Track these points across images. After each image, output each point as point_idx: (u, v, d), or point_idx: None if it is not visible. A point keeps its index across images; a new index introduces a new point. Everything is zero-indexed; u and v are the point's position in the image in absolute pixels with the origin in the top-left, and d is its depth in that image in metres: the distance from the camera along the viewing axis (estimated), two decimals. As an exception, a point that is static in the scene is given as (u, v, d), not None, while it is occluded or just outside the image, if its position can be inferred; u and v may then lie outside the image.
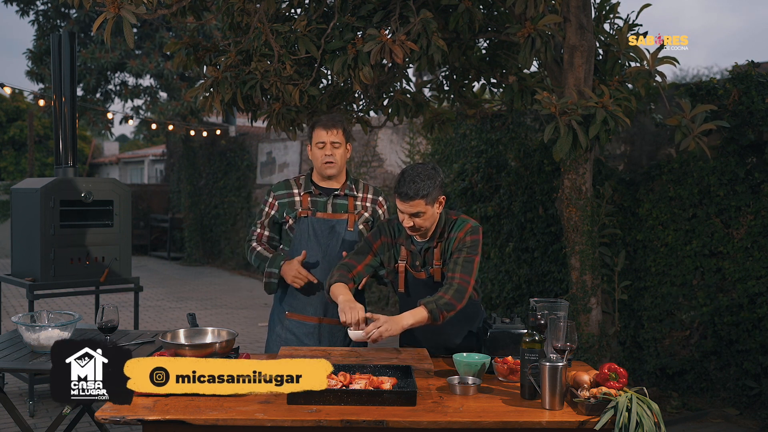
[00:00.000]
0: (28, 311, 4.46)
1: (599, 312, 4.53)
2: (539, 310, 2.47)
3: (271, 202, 3.26)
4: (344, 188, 3.24)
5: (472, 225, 2.82)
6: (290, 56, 4.33)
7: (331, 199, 3.21)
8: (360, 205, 3.25)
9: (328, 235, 3.15)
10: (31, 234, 5.01)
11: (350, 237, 3.16)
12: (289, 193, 3.24)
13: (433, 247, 2.83)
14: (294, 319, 3.20)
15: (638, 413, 2.15)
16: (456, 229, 2.82)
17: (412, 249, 2.87)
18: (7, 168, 23.15)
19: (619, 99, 4.15)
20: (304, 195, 3.21)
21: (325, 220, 3.17)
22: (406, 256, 2.89)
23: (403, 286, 2.91)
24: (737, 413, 4.83)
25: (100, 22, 3.39)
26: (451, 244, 2.81)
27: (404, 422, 2.15)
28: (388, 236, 2.93)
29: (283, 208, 3.22)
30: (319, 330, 3.18)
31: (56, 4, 13.45)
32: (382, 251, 2.93)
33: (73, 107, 5.25)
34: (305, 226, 3.16)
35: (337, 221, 3.18)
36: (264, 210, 3.28)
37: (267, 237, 3.27)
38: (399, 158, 8.89)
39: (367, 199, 3.29)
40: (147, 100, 13.99)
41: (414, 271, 2.88)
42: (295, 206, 3.21)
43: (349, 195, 3.24)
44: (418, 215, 2.71)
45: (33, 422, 4.49)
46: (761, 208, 4.84)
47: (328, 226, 3.16)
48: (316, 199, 3.21)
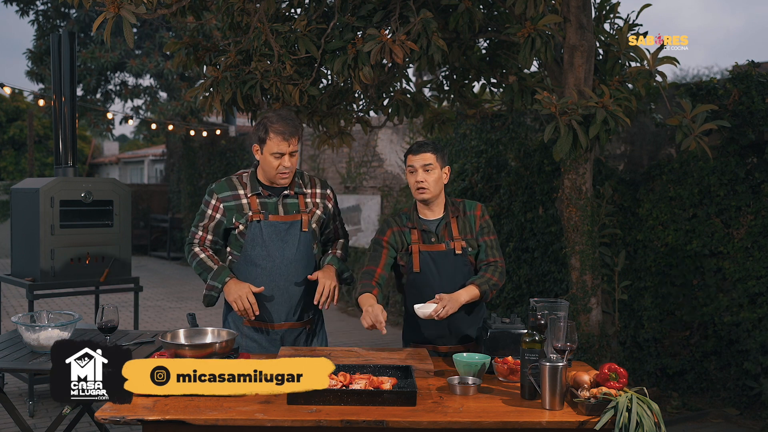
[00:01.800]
0: (28, 311, 4.46)
1: (599, 312, 4.53)
2: (539, 310, 2.47)
3: (215, 204, 3.04)
4: (293, 186, 3.06)
5: (482, 204, 3.09)
6: (290, 56, 4.32)
7: (281, 199, 3.03)
8: (310, 203, 3.09)
9: (283, 238, 3.00)
10: (31, 234, 5.01)
11: (305, 238, 3.03)
12: (234, 195, 3.03)
13: (449, 222, 2.99)
14: (254, 326, 3.06)
15: (638, 413, 2.15)
16: (469, 208, 3.05)
17: (424, 228, 2.99)
18: (7, 168, 23.15)
19: (620, 99, 4.15)
20: (252, 197, 3.01)
21: (278, 223, 3.00)
22: (418, 237, 2.99)
23: (418, 265, 2.97)
24: (737, 413, 4.83)
25: (100, 22, 3.39)
26: (473, 221, 3.02)
27: (404, 422, 2.15)
28: (395, 225, 3.05)
29: (231, 213, 3.02)
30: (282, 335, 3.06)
31: (56, 4, 13.44)
32: (393, 241, 3.03)
33: (73, 107, 5.25)
34: (257, 231, 2.99)
35: (290, 223, 3.01)
36: (206, 212, 3.06)
37: (210, 241, 3.10)
38: (399, 158, 8.89)
39: (316, 194, 3.13)
40: (147, 100, 13.99)
41: (429, 245, 2.98)
42: (243, 210, 3.01)
43: (299, 193, 3.07)
44: (428, 170, 2.92)
45: (33, 422, 4.49)
46: (761, 208, 4.84)
47: (281, 230, 3.00)
48: (265, 201, 3.02)
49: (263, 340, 3.06)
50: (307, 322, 3.12)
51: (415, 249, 2.98)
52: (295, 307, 3.06)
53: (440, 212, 3.02)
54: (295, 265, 3.02)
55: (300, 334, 3.11)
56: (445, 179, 2.99)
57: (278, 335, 3.06)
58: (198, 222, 3.09)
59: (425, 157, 2.93)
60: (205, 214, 3.07)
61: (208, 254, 3.08)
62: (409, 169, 2.98)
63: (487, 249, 3.00)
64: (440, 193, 3.01)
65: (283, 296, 3.03)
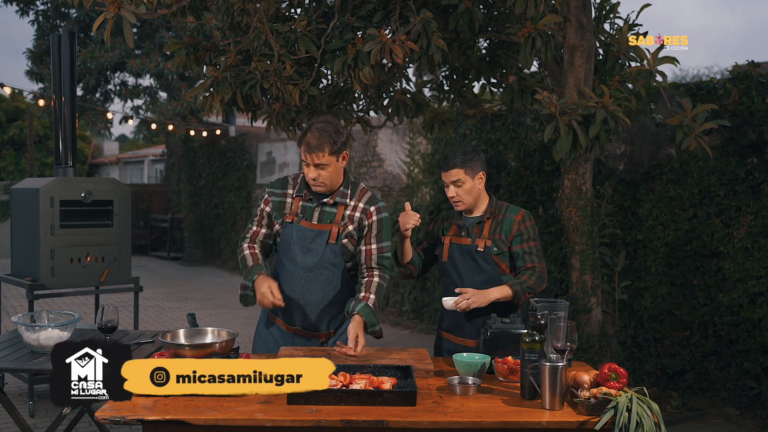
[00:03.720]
0: (28, 311, 4.46)
1: (599, 312, 4.53)
2: (539, 310, 2.47)
3: (266, 198, 3.07)
4: (335, 195, 2.98)
5: (525, 211, 3.15)
6: (290, 56, 4.32)
7: (319, 206, 2.98)
8: (348, 215, 2.97)
9: (307, 246, 2.94)
10: (31, 234, 5.01)
11: (331, 251, 2.94)
12: (283, 193, 3.04)
13: (484, 221, 3.11)
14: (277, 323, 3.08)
15: (638, 413, 2.15)
16: (510, 212, 3.12)
17: (460, 224, 3.15)
18: (6, 168, 23.16)
19: (620, 99, 4.15)
20: (296, 198, 3.02)
21: (308, 229, 2.95)
22: (454, 231, 3.17)
23: (446, 256, 3.15)
24: (737, 413, 4.83)
25: (100, 22, 3.39)
26: (510, 225, 3.09)
27: (404, 422, 2.15)
28: (440, 221, 3.27)
29: (275, 209, 3.04)
30: (293, 340, 3.05)
31: (56, 4, 13.44)
32: (433, 232, 3.27)
33: (72, 107, 5.25)
34: (289, 232, 2.98)
35: (318, 232, 2.95)
36: (260, 207, 3.09)
37: (263, 234, 3.07)
38: (399, 158, 8.89)
39: (357, 208, 2.99)
40: (147, 100, 13.99)
41: (459, 238, 3.14)
42: (284, 209, 3.02)
43: (340, 203, 2.98)
44: (458, 185, 3.05)
45: (33, 422, 4.49)
46: (761, 208, 4.83)
47: (308, 237, 2.95)
48: (305, 205, 3.00)
49: (280, 337, 3.06)
50: (323, 335, 3.06)
51: (447, 241, 3.17)
52: (311, 316, 3.00)
53: (482, 212, 3.15)
54: (314, 275, 2.95)
55: (308, 344, 3.05)
56: (480, 185, 3.09)
57: (290, 337, 3.05)
58: (253, 217, 3.11)
59: (451, 174, 3.06)
60: (258, 208, 3.10)
61: (252, 251, 3.02)
62: (444, 183, 3.13)
63: (525, 255, 3.07)
64: (479, 198, 3.12)
65: (297, 302, 2.98)
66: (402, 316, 8.22)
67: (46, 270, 4.92)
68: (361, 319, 2.79)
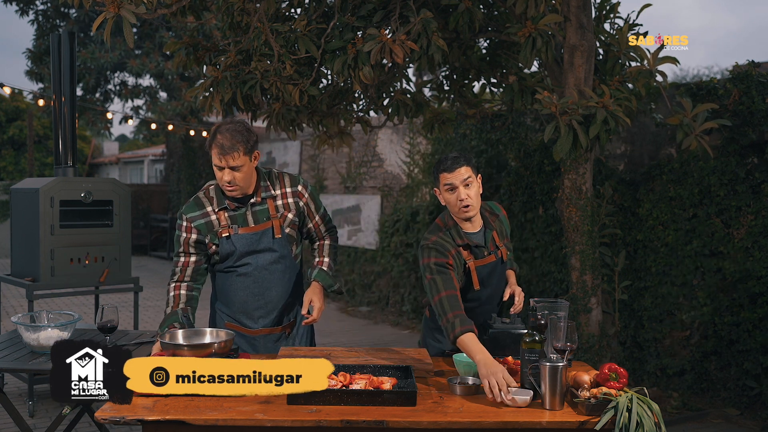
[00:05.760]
0: (27, 311, 4.45)
1: (599, 312, 4.53)
2: (539, 310, 2.47)
3: (187, 225, 2.89)
4: (260, 192, 2.91)
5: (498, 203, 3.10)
6: (290, 56, 4.32)
7: (248, 208, 2.91)
8: (281, 205, 2.95)
9: (256, 248, 2.90)
10: (31, 234, 5.01)
11: (280, 244, 2.92)
12: (203, 213, 2.90)
13: (491, 230, 2.88)
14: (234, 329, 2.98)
15: (638, 413, 2.15)
16: (496, 209, 3.00)
17: (476, 244, 2.80)
18: (6, 168, 23.17)
19: (620, 99, 4.15)
20: (219, 212, 2.89)
21: (250, 234, 2.89)
22: (469, 254, 2.80)
23: (477, 283, 2.81)
24: (738, 413, 4.82)
25: (100, 22, 3.39)
26: (506, 223, 3.01)
27: (404, 422, 2.15)
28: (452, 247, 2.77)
29: (202, 231, 2.89)
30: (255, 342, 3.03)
31: (56, 4, 13.44)
32: (455, 263, 2.76)
33: (72, 107, 5.25)
34: (230, 245, 2.88)
35: (262, 233, 2.90)
36: (181, 236, 2.91)
37: (194, 263, 2.92)
38: (399, 158, 8.89)
39: (286, 194, 2.97)
40: (147, 100, 13.99)
41: (482, 259, 2.83)
42: (213, 227, 2.89)
43: (267, 197, 2.93)
44: (468, 184, 2.72)
45: (33, 422, 4.49)
46: (761, 208, 4.83)
47: (253, 240, 2.89)
48: (233, 214, 2.90)
49: (241, 342, 3.00)
50: (286, 326, 3.07)
51: (472, 266, 2.79)
52: (272, 312, 3.00)
53: (479, 223, 2.85)
54: (269, 272, 2.94)
55: (279, 339, 3.06)
56: (480, 189, 2.79)
57: (255, 340, 3.02)
58: (177, 249, 2.95)
59: (462, 171, 2.70)
60: (180, 238, 2.92)
61: (177, 293, 2.93)
62: (446, 187, 2.73)
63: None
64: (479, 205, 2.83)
65: (258, 302, 2.97)
66: (402, 316, 8.23)
67: (45, 270, 4.92)
68: (318, 284, 2.98)
